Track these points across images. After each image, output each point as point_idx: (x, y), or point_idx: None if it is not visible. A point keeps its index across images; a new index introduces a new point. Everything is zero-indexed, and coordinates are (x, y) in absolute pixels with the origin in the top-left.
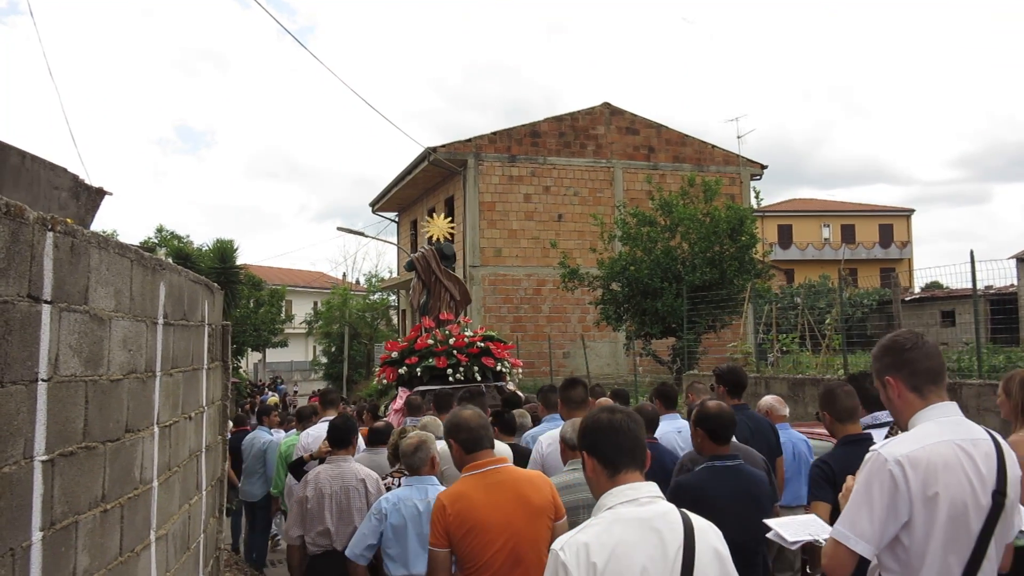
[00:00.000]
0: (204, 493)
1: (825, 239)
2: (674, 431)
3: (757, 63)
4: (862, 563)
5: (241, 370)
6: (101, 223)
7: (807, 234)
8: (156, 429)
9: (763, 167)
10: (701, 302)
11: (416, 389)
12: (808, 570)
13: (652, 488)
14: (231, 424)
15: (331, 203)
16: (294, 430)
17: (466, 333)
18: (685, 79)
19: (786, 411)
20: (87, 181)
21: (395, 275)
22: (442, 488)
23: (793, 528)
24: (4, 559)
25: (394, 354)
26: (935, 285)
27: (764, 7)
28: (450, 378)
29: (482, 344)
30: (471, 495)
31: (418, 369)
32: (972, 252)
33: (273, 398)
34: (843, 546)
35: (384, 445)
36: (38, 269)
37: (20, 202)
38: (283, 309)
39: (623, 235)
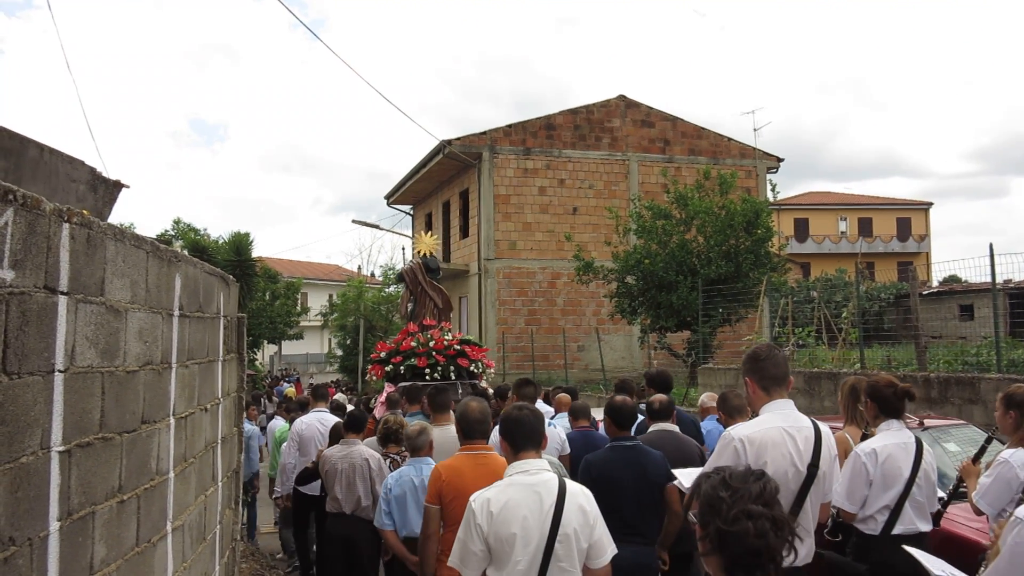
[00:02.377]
0: (220, 484)
1: (842, 232)
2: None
3: (770, 55)
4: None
5: (257, 362)
6: (118, 216)
7: (824, 227)
8: (172, 420)
9: (779, 160)
10: (716, 295)
11: (400, 385)
12: None
13: (541, 463)
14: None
15: (345, 196)
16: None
17: (445, 337)
18: (697, 72)
19: (714, 404)
20: (104, 174)
21: None
22: None
23: (692, 476)
24: (22, 549)
25: (382, 354)
26: (953, 279)
27: None
28: (427, 376)
29: (458, 347)
30: (462, 469)
31: (401, 368)
32: (991, 246)
33: (289, 389)
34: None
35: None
36: (54, 260)
37: (39, 195)
38: (299, 302)
39: (638, 228)
